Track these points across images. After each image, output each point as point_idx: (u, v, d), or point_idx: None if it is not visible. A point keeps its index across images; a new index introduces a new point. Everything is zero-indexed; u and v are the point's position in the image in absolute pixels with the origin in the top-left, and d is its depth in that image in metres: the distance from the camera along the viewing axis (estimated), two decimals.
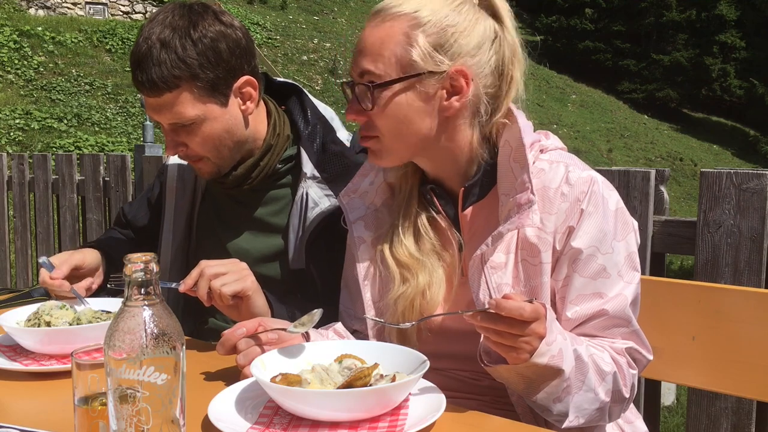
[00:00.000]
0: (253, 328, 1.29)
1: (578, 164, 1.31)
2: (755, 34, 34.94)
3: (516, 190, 1.24)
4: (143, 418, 0.88)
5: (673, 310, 1.61)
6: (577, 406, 1.19)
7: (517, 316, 1.05)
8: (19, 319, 1.50)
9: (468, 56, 1.26)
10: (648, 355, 1.30)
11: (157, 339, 0.89)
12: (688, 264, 7.07)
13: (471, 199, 1.35)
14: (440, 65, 1.25)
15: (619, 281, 1.26)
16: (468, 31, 1.26)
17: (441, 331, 1.33)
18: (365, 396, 1.06)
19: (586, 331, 1.26)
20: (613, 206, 1.28)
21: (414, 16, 1.25)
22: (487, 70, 1.28)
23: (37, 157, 4.64)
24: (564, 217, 1.25)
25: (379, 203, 1.45)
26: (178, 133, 1.59)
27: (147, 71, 1.51)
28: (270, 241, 1.72)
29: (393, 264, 1.36)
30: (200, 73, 1.53)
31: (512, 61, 1.30)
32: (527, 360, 1.10)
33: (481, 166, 1.33)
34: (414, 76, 1.25)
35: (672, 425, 4.47)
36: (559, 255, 1.26)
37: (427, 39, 1.24)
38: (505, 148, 1.30)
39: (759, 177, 1.98)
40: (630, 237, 1.29)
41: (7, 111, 13.48)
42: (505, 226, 1.23)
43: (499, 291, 1.25)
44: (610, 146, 24.48)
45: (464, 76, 1.26)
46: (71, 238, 4.52)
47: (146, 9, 20.88)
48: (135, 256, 0.90)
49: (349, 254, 1.50)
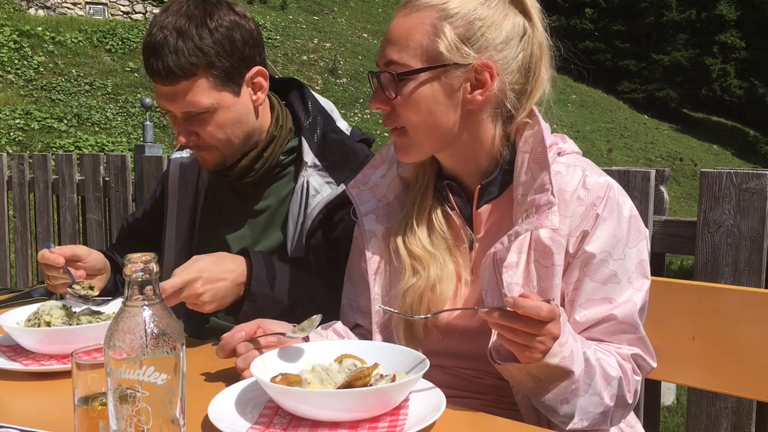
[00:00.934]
0: (252, 332, 1.30)
1: (595, 169, 1.32)
2: (755, 34, 34.91)
3: (535, 190, 1.24)
4: (143, 418, 0.88)
5: (673, 310, 1.61)
6: (583, 408, 1.19)
7: (534, 316, 1.05)
8: (19, 319, 1.50)
9: (495, 50, 1.26)
10: (652, 362, 1.30)
11: (157, 339, 0.89)
12: (688, 264, 7.06)
13: (486, 197, 1.35)
14: (466, 57, 1.25)
15: (628, 287, 1.26)
16: (496, 26, 1.26)
17: (448, 328, 1.33)
18: (365, 396, 1.06)
19: (593, 335, 1.26)
20: (627, 213, 1.28)
21: (442, 8, 1.25)
22: (513, 66, 1.28)
23: (37, 157, 4.64)
24: (579, 220, 1.26)
25: (391, 197, 1.45)
26: (191, 122, 1.60)
27: (163, 59, 1.51)
28: (272, 234, 1.72)
29: (405, 255, 1.36)
30: (216, 61, 1.55)
31: (540, 60, 1.30)
32: (539, 360, 1.10)
33: (500, 165, 1.33)
34: (439, 66, 1.25)
35: (672, 425, 4.47)
36: (572, 258, 1.26)
37: (455, 31, 1.24)
38: (525, 148, 1.30)
39: (759, 177, 1.98)
40: (642, 244, 1.29)
41: (7, 111, 13.48)
42: (523, 225, 1.22)
43: (510, 290, 1.24)
44: (610, 146, 24.47)
45: (489, 70, 1.26)
46: (71, 238, 4.52)
47: (146, 9, 20.87)
48: (135, 256, 0.90)
49: (356, 247, 1.50)
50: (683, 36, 35.85)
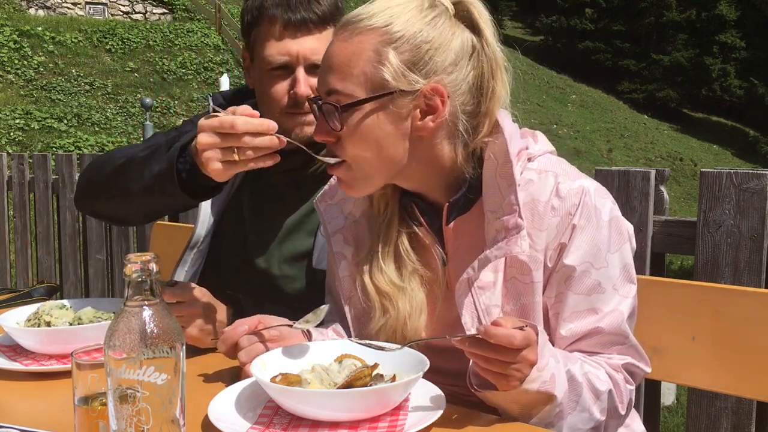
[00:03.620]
0: (254, 326, 1.28)
1: (569, 173, 1.24)
2: (755, 34, 34.92)
3: (503, 210, 1.18)
4: (143, 418, 0.88)
5: (673, 310, 1.61)
6: (572, 426, 1.17)
7: (507, 345, 1.02)
8: (19, 319, 1.50)
9: (444, 73, 1.18)
10: (646, 368, 1.28)
11: (156, 339, 0.89)
12: (688, 264, 7.06)
13: (456, 212, 1.28)
14: (414, 84, 1.17)
15: (614, 295, 1.22)
16: (444, 47, 1.18)
17: (428, 347, 1.26)
18: (365, 396, 1.06)
19: (581, 347, 1.23)
20: (606, 216, 1.22)
21: (385, 31, 1.17)
22: (464, 87, 1.20)
23: (37, 157, 4.63)
24: (555, 233, 1.20)
25: (357, 214, 1.39)
26: (310, 77, 1.56)
27: (310, 4, 1.54)
28: (298, 240, 1.66)
29: (374, 293, 1.30)
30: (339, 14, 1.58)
31: (493, 75, 1.21)
32: (517, 387, 1.07)
33: (467, 181, 1.26)
34: (385, 95, 1.17)
35: (672, 425, 4.47)
36: (551, 272, 1.21)
37: (400, 57, 1.16)
38: (490, 162, 1.22)
39: (759, 177, 1.97)
40: (625, 247, 1.24)
41: (7, 111, 13.48)
42: (492, 251, 1.17)
43: (488, 313, 1.20)
44: (610, 146, 24.47)
45: (440, 95, 1.18)
46: (71, 238, 4.52)
47: (146, 9, 20.88)
48: (134, 256, 0.90)
49: (330, 265, 1.46)
50: (683, 36, 35.87)
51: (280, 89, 1.57)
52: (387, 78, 1.17)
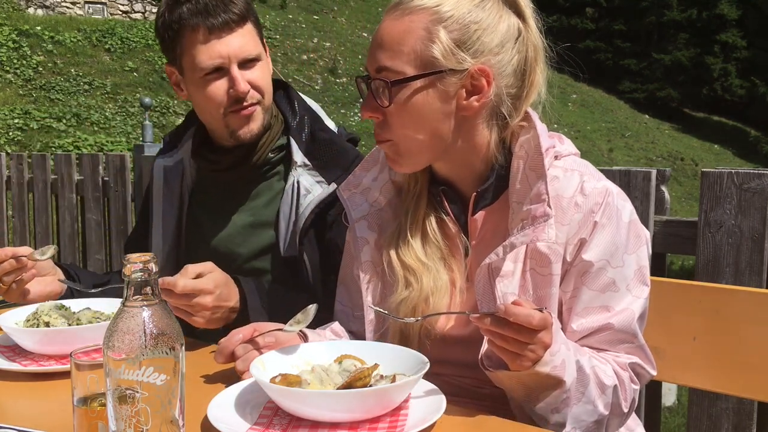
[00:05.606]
0: (249, 334, 1.29)
1: (593, 173, 1.28)
2: (756, 33, 34.89)
3: (531, 200, 1.20)
4: (142, 418, 0.88)
5: (674, 310, 1.61)
6: (576, 417, 1.18)
7: (525, 324, 1.04)
8: (18, 319, 1.50)
9: (491, 54, 1.22)
10: (652, 371, 1.29)
11: (156, 339, 0.88)
12: (689, 264, 7.06)
13: (482, 203, 1.31)
14: (462, 63, 1.21)
15: (627, 295, 1.24)
16: (492, 28, 1.22)
17: (442, 337, 1.31)
18: (365, 397, 1.06)
19: (590, 343, 1.25)
20: (626, 218, 1.25)
21: (436, 11, 1.20)
22: (509, 69, 1.24)
23: (36, 156, 4.63)
24: (576, 228, 1.23)
25: (383, 202, 1.42)
26: (244, 72, 1.63)
27: (227, 6, 1.60)
28: (262, 234, 1.72)
29: (399, 267, 1.32)
30: (254, 14, 1.66)
31: (535, 62, 1.26)
32: (530, 368, 1.08)
33: (495, 170, 1.30)
34: (434, 73, 1.21)
35: (673, 426, 4.47)
36: (569, 267, 1.24)
37: (450, 35, 1.20)
38: (520, 153, 1.26)
39: (760, 177, 1.97)
40: (642, 250, 1.27)
41: (6, 110, 13.47)
42: (519, 237, 1.19)
43: (505, 300, 1.21)
44: (611, 146, 24.46)
45: (486, 75, 1.22)
46: (70, 238, 4.51)
47: (145, 8, 20.86)
48: (134, 257, 0.90)
49: (348, 252, 1.48)
50: (684, 35, 35.84)
51: (219, 91, 1.62)
52: (436, 56, 1.20)
